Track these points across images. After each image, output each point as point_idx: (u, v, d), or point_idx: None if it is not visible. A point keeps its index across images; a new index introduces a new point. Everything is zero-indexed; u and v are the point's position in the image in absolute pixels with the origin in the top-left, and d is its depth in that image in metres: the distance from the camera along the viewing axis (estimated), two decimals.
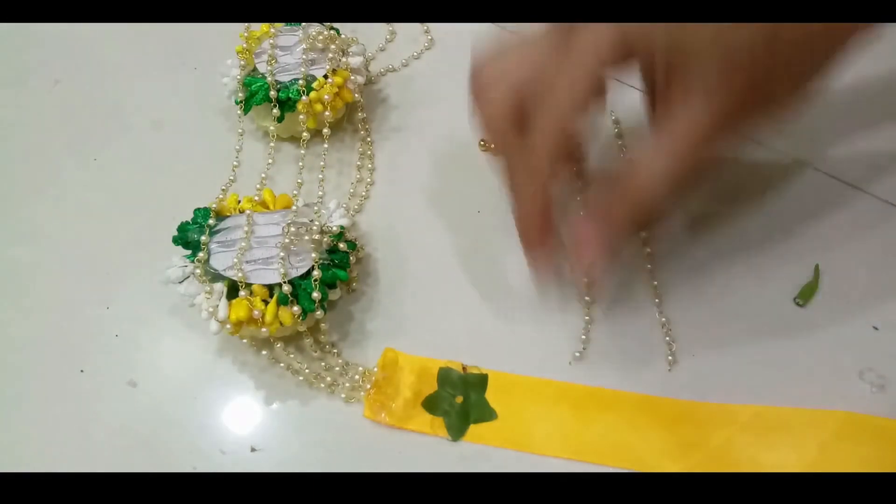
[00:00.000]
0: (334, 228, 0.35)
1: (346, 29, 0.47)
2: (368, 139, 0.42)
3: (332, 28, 0.42)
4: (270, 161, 0.40)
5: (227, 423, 0.33)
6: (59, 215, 0.39)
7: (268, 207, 0.35)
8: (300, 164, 0.39)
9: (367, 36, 0.47)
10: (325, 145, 0.39)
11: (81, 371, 0.34)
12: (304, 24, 0.42)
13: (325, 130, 0.39)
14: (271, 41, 0.41)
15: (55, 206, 0.40)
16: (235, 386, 0.34)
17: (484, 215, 0.39)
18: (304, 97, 0.39)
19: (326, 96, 0.39)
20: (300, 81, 0.39)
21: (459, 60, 0.47)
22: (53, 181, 0.41)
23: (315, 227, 0.34)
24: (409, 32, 0.48)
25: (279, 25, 0.42)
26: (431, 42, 0.47)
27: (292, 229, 0.33)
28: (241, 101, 0.40)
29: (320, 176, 0.39)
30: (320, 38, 0.40)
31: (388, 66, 0.46)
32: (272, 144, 0.40)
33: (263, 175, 0.39)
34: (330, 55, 0.40)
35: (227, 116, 0.43)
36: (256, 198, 0.36)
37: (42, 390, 0.34)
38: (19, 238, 0.38)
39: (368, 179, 0.41)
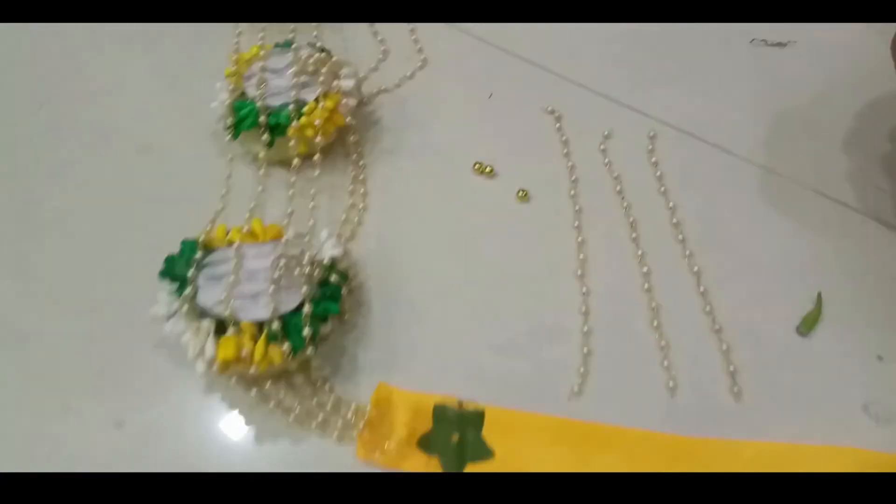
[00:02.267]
0: (325, 260, 0.34)
1: (338, 48, 0.47)
2: (361, 163, 0.41)
3: (323, 50, 0.41)
4: (260, 188, 0.39)
5: (215, 463, 0.32)
6: (42, 245, 0.38)
7: (257, 238, 0.35)
8: (290, 192, 0.38)
9: (358, 55, 0.46)
10: (317, 172, 0.38)
11: (66, 410, 0.33)
12: (294, 45, 0.41)
13: (316, 157, 0.38)
14: (261, 64, 0.40)
15: (38, 236, 0.39)
16: (224, 425, 0.33)
17: (479, 242, 0.38)
18: (294, 122, 0.38)
19: (317, 121, 0.38)
20: (290, 106, 0.38)
21: (453, 79, 0.46)
22: (37, 209, 0.39)
23: (305, 260, 0.33)
24: (402, 51, 0.47)
25: (269, 47, 0.41)
26: (424, 61, 0.46)
27: (282, 262, 0.32)
28: (229, 127, 0.39)
29: (311, 204, 0.38)
30: (311, 61, 0.39)
31: (381, 87, 0.45)
32: (262, 171, 0.39)
33: (253, 203, 0.38)
34: (321, 78, 0.39)
35: (216, 139, 0.42)
36: (245, 228, 0.35)
37: (25, 429, 0.33)
38: (1, 269, 0.37)
39: (361, 205, 0.40)
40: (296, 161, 0.38)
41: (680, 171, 0.40)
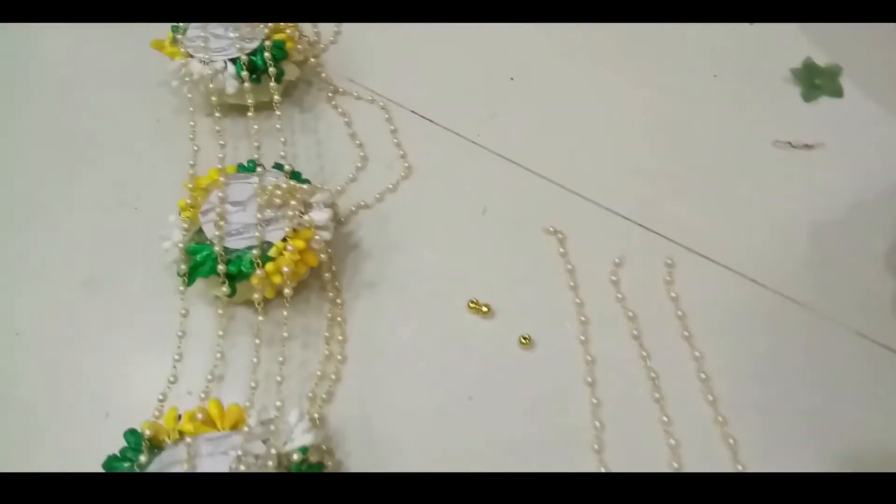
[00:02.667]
0: (295, 456, 0.28)
1: (310, 153, 0.42)
2: (338, 301, 0.36)
3: (292, 173, 0.36)
4: (219, 355, 0.33)
5: None
6: None
7: (214, 426, 0.29)
8: (255, 359, 0.32)
9: (334, 162, 0.41)
10: (285, 334, 0.33)
11: None
12: (259, 170, 0.36)
13: (285, 312, 0.33)
14: (220, 193, 0.35)
15: None
16: None
17: (477, 402, 0.33)
18: (258, 270, 0.32)
19: (286, 268, 0.32)
20: (254, 251, 0.33)
21: (442, 191, 0.41)
22: None
23: (272, 462, 0.27)
24: (383, 157, 0.41)
25: (231, 170, 0.36)
26: (409, 170, 0.41)
27: (242, 467, 0.27)
28: (183, 274, 0.33)
29: (278, 378, 0.32)
30: (278, 192, 0.34)
31: (360, 202, 0.39)
32: (220, 333, 0.33)
33: (210, 377, 0.32)
34: (289, 211, 0.34)
35: (170, 274, 0.36)
36: (200, 416, 0.29)
37: None
38: None
39: (339, 356, 0.34)
40: (260, 319, 0.33)
41: (704, 307, 0.35)
